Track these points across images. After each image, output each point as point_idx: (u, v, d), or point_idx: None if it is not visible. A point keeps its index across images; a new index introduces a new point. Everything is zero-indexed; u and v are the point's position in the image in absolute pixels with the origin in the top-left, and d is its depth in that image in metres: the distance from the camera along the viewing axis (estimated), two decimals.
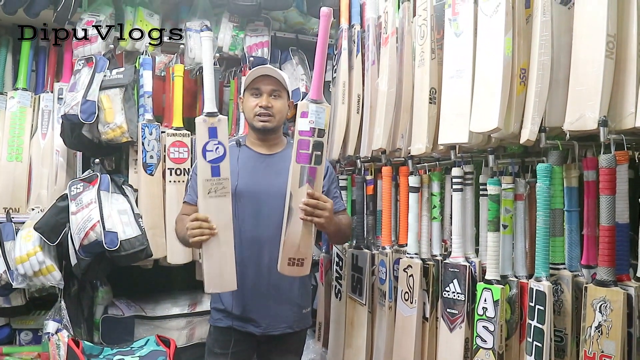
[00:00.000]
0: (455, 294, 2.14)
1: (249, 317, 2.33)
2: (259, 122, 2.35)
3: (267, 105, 2.34)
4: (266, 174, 2.35)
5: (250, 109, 2.38)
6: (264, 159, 2.40)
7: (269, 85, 2.36)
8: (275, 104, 2.37)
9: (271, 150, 2.43)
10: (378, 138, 2.63)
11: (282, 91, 2.39)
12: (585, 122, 1.61)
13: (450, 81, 2.09)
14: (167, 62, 3.61)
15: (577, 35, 1.70)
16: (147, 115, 3.15)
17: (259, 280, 2.32)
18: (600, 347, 1.60)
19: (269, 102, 2.35)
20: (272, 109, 2.35)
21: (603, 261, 1.65)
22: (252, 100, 2.37)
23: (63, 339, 2.73)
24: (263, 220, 2.31)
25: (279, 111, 2.38)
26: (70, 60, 3.30)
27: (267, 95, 2.35)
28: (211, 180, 2.03)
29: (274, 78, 2.37)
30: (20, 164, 3.17)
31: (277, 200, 2.26)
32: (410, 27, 2.47)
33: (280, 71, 2.49)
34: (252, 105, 2.37)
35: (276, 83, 2.37)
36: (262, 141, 2.42)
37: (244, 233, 2.30)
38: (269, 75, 2.37)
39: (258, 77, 2.36)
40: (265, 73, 2.36)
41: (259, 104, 2.35)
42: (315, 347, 3.21)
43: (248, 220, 2.30)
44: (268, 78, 2.36)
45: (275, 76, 2.37)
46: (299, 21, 3.84)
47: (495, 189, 1.97)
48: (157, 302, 3.35)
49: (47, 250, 2.85)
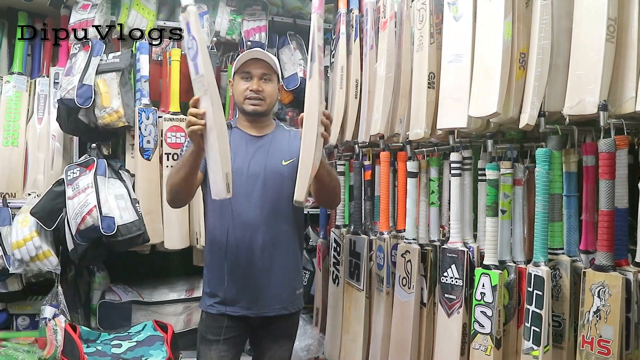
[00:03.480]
0: (453, 279, 2.15)
1: (243, 300, 2.32)
2: (250, 105, 2.35)
3: (257, 89, 2.33)
4: (258, 154, 2.34)
5: (240, 92, 2.36)
6: (256, 141, 2.39)
7: (259, 69, 2.34)
8: (266, 88, 2.36)
9: (262, 131, 2.42)
10: (376, 123, 2.62)
11: (273, 75, 2.38)
12: (585, 107, 1.61)
13: (449, 66, 2.08)
14: (164, 47, 3.59)
15: (578, 19, 1.69)
16: (144, 100, 3.13)
17: (253, 261, 2.31)
18: (598, 332, 1.60)
19: (260, 86, 2.34)
20: (263, 92, 2.34)
21: (602, 246, 1.65)
22: (242, 83, 2.36)
23: (60, 324, 2.73)
24: (256, 202, 2.30)
25: (270, 95, 2.37)
26: (67, 44, 3.27)
27: (258, 79, 2.34)
28: (195, 79, 1.96)
29: (264, 62, 2.35)
30: (16, 149, 3.15)
31: (269, 181, 2.27)
32: (409, 11, 2.46)
33: (271, 54, 2.46)
34: (242, 88, 2.35)
35: (266, 67, 2.35)
36: (252, 123, 2.41)
37: (237, 214, 2.29)
38: (260, 58, 2.35)
39: (248, 60, 2.34)
40: (255, 57, 2.35)
41: (250, 87, 2.34)
42: (312, 332, 3.22)
43: (241, 201, 2.28)
44: (258, 62, 2.34)
45: (265, 59, 2.35)
46: (296, 6, 3.82)
47: (494, 174, 1.97)
48: (155, 288, 3.35)
49: (43, 236, 2.84)
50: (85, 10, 3.12)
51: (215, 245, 2.34)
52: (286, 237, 2.35)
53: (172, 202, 2.33)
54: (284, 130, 2.46)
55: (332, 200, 2.47)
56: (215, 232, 2.33)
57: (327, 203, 2.64)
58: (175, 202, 2.33)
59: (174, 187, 2.24)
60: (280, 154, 2.33)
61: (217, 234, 2.32)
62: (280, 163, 2.31)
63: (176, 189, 2.24)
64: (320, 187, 2.27)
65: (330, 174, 2.29)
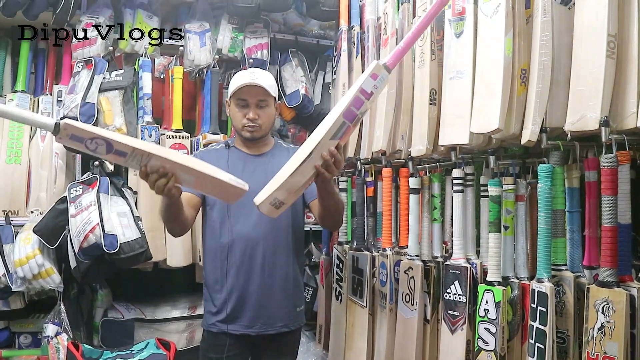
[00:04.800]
0: (456, 296, 2.14)
1: (243, 318, 2.32)
2: (247, 132, 2.36)
3: (254, 117, 2.33)
4: (257, 173, 2.34)
5: (237, 120, 2.36)
6: (254, 159, 2.39)
7: (255, 96, 2.32)
8: (262, 115, 2.35)
9: (260, 150, 2.43)
10: (378, 139, 2.63)
11: (269, 99, 2.36)
12: (587, 123, 1.61)
13: (450, 82, 2.09)
14: (166, 64, 3.61)
15: (578, 36, 1.69)
16: (147, 117, 3.15)
17: (252, 279, 2.31)
18: (603, 348, 1.59)
19: (256, 114, 2.33)
20: (259, 120, 2.35)
21: (605, 262, 1.64)
22: (238, 110, 2.35)
23: (62, 342, 2.72)
24: (255, 220, 2.30)
25: (266, 120, 2.37)
26: (70, 63, 3.29)
27: (255, 107, 2.33)
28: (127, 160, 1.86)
29: (260, 87, 2.32)
30: (19, 167, 3.16)
31: None
32: (410, 28, 2.46)
33: (265, 76, 2.41)
34: (239, 116, 2.35)
35: (262, 92, 2.33)
36: (250, 142, 2.42)
37: (236, 233, 2.29)
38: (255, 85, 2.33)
39: (244, 87, 2.32)
40: (250, 83, 2.32)
41: (247, 115, 2.33)
42: (316, 349, 3.20)
43: (240, 219, 2.29)
44: (254, 88, 2.32)
45: (261, 85, 2.32)
46: (298, 23, 3.84)
47: (496, 190, 1.96)
48: (157, 305, 3.34)
49: (46, 253, 2.84)
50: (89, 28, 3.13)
51: (214, 263, 2.34)
52: (286, 254, 2.36)
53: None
54: (282, 148, 2.47)
55: (335, 226, 2.51)
56: (214, 250, 2.33)
57: (330, 227, 2.67)
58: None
59: (167, 226, 2.31)
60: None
61: (216, 252, 2.33)
62: None
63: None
64: (326, 215, 2.28)
65: (337, 205, 2.29)
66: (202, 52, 3.31)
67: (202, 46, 3.31)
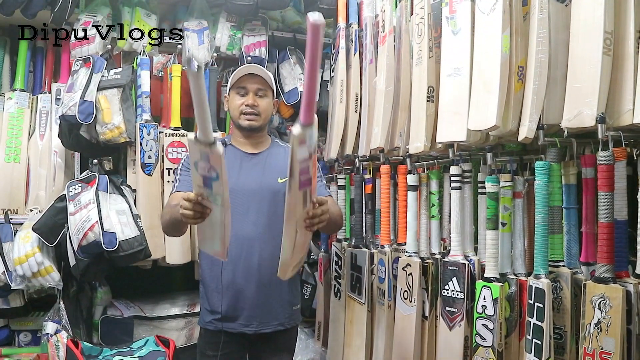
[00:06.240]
0: (454, 292, 2.14)
1: (240, 317, 2.33)
2: (245, 120, 2.37)
3: (253, 103, 2.35)
4: (253, 172, 2.35)
5: (236, 107, 2.38)
6: (251, 158, 2.40)
7: (254, 84, 2.37)
8: (261, 103, 2.38)
9: (257, 148, 2.43)
10: (376, 137, 2.63)
11: (268, 90, 2.40)
12: (583, 119, 1.62)
13: (447, 79, 2.09)
14: (164, 62, 3.60)
15: (575, 33, 1.70)
16: (145, 116, 3.14)
17: (249, 278, 2.31)
18: (599, 344, 1.60)
19: (255, 101, 2.36)
20: (258, 107, 2.37)
21: (602, 258, 1.65)
22: (237, 98, 2.38)
23: (62, 340, 2.72)
24: (252, 219, 2.30)
25: (265, 110, 2.40)
26: (68, 61, 3.29)
27: (253, 94, 2.36)
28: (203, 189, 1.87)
29: (259, 77, 2.38)
30: (18, 165, 3.16)
31: (265, 198, 2.29)
32: (407, 25, 2.47)
33: (265, 70, 2.49)
34: (237, 103, 2.37)
35: (262, 82, 2.38)
36: (247, 139, 2.42)
37: (233, 232, 2.29)
38: (255, 74, 2.37)
39: (244, 75, 2.37)
40: (251, 72, 2.38)
41: (245, 102, 2.35)
42: (314, 346, 3.21)
43: (237, 219, 2.28)
44: (254, 77, 2.37)
45: (261, 75, 2.38)
46: (296, 20, 3.84)
47: (494, 187, 1.97)
48: (156, 303, 3.35)
49: (45, 251, 2.84)
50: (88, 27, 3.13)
51: (210, 262, 2.35)
52: None
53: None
54: (279, 147, 2.47)
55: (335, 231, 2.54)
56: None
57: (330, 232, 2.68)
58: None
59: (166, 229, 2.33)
60: (276, 171, 2.34)
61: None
62: (276, 180, 2.32)
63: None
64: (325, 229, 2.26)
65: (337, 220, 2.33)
66: (200, 50, 3.31)
67: (200, 44, 3.31)
